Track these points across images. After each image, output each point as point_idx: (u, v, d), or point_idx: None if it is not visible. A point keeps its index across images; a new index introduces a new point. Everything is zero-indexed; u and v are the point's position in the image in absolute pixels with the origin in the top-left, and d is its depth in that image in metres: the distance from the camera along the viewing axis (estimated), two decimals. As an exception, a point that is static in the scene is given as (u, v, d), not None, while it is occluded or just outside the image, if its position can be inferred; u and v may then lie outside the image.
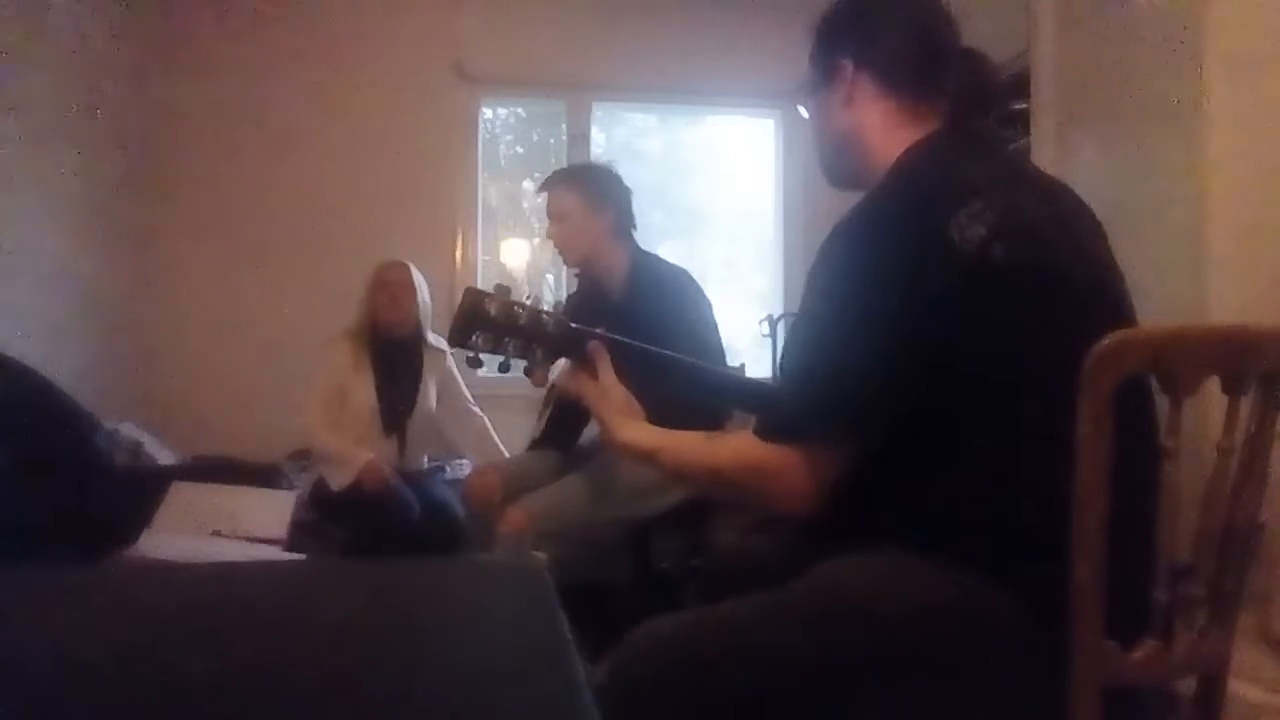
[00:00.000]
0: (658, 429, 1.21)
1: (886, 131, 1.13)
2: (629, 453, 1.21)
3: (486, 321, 1.16)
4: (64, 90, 3.05)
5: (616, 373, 1.24)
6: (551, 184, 2.37)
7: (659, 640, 0.99)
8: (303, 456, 3.12)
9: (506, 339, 1.18)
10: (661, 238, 4.37)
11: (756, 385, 1.49)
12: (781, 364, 1.07)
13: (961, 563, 0.95)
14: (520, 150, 4.88)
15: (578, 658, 0.66)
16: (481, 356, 1.22)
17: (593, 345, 1.23)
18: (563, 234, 2.34)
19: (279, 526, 2.67)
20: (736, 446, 1.08)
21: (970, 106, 1.17)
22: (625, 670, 0.96)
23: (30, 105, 2.87)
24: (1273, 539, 1.60)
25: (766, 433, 1.05)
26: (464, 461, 3.19)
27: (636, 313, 2.14)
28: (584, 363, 1.23)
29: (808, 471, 1.01)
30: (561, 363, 1.30)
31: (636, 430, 1.21)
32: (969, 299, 0.95)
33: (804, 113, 1.27)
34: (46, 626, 0.78)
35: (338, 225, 3.66)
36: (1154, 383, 0.95)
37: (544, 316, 1.20)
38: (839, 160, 1.21)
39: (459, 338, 1.17)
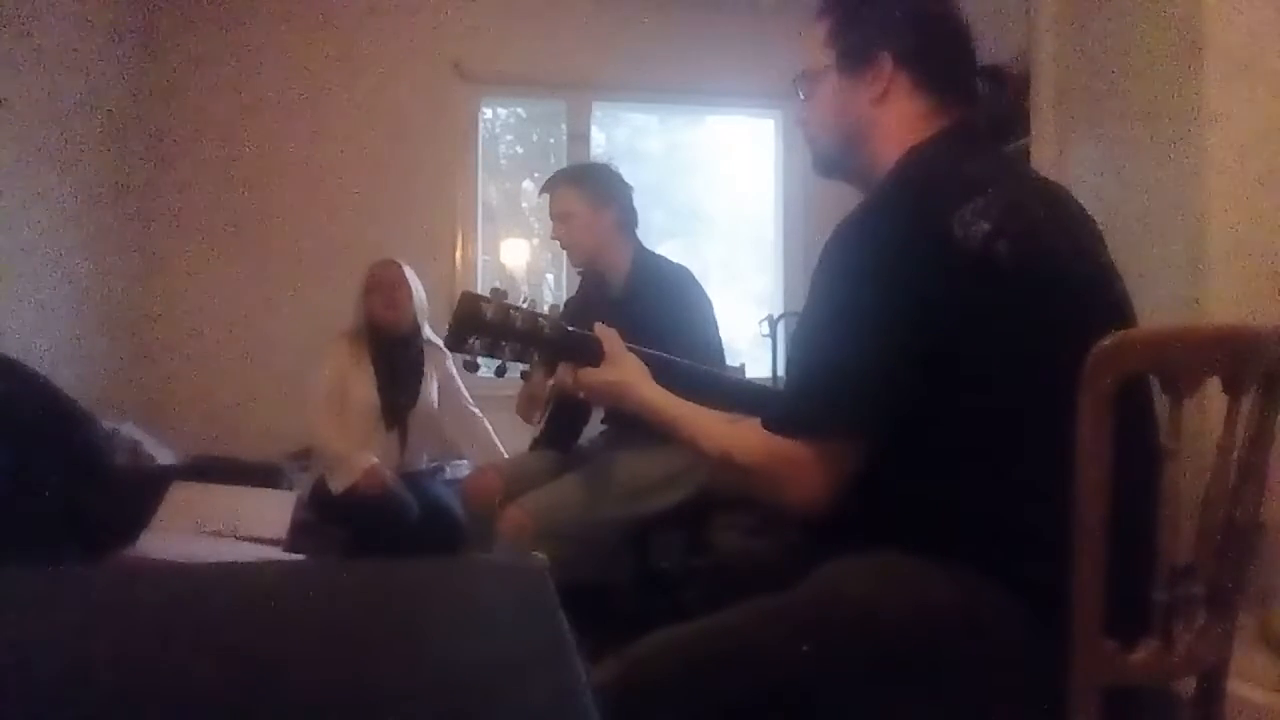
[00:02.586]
0: (679, 398, 1.19)
1: (903, 129, 1.12)
2: (646, 411, 1.18)
3: (482, 326, 1.16)
4: (62, 90, 3.05)
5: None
6: (553, 185, 2.38)
7: (663, 648, 0.98)
8: (303, 456, 3.12)
9: (503, 343, 1.18)
10: (661, 238, 4.37)
11: (754, 388, 1.49)
12: (788, 361, 1.06)
13: (961, 563, 0.95)
14: (520, 150, 4.88)
15: (578, 658, 0.66)
16: (479, 360, 1.22)
17: (598, 326, 1.23)
18: (568, 234, 2.35)
19: (279, 526, 2.67)
20: (750, 436, 1.07)
21: (1001, 127, 1.17)
22: (629, 681, 0.96)
23: (28, 105, 2.86)
24: (1273, 539, 1.60)
25: (775, 426, 1.04)
26: (464, 461, 3.19)
27: (637, 309, 2.14)
28: (586, 357, 1.23)
29: (821, 469, 1.00)
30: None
31: (658, 391, 1.19)
32: (971, 295, 0.95)
33: (802, 94, 1.22)
34: (46, 626, 0.78)
35: (337, 225, 3.66)
36: (1154, 383, 0.95)
37: (540, 320, 1.19)
38: (844, 149, 1.19)
39: (455, 342, 1.16)
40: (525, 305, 1.19)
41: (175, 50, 3.62)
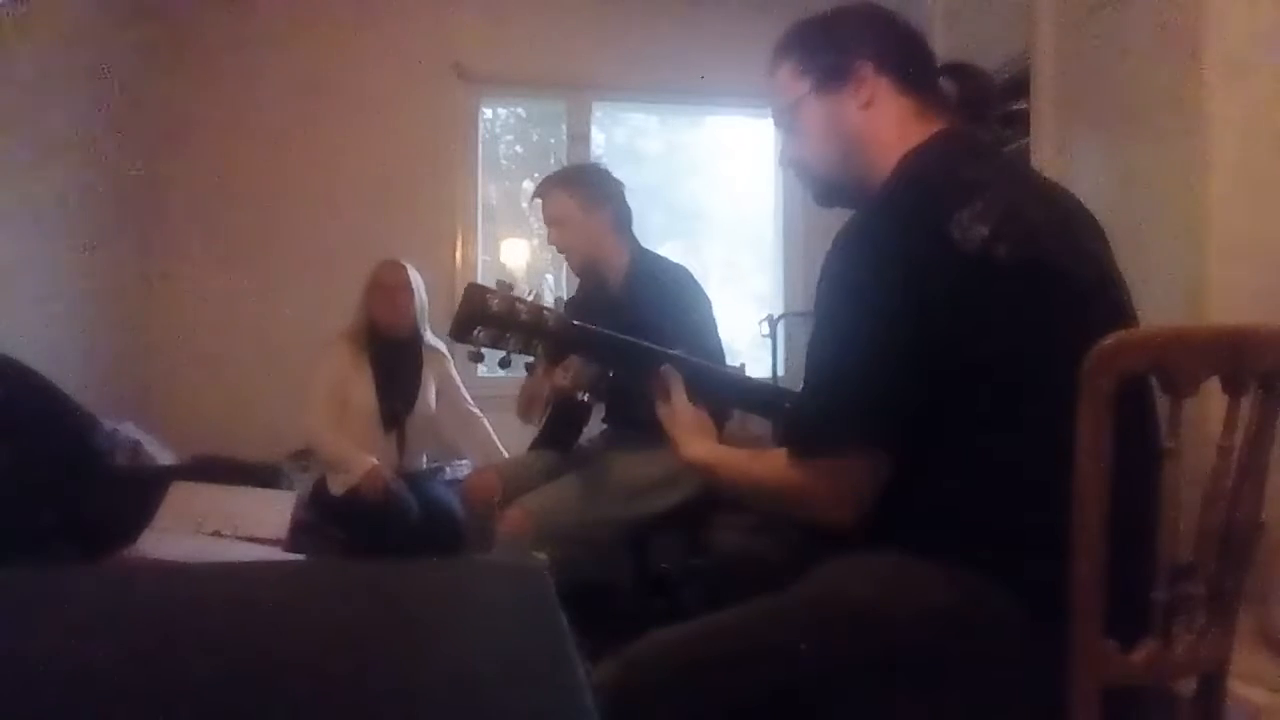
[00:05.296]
0: (719, 447, 1.23)
1: (897, 132, 1.12)
2: (694, 469, 1.24)
3: (488, 317, 1.17)
4: (63, 90, 3.05)
5: (615, 368, 1.24)
6: (545, 189, 2.37)
7: (663, 648, 0.99)
8: (303, 456, 3.12)
9: (508, 334, 1.19)
10: (662, 238, 4.36)
11: (758, 385, 1.49)
12: (805, 378, 1.08)
13: (962, 563, 0.95)
14: (520, 150, 4.88)
15: (578, 658, 0.66)
16: (483, 351, 1.23)
17: (664, 369, 1.25)
18: (563, 237, 2.34)
19: (279, 527, 2.67)
20: (775, 464, 1.09)
21: (971, 117, 1.18)
22: (629, 679, 0.96)
23: (30, 105, 2.86)
24: (1273, 539, 1.59)
25: (795, 450, 1.06)
26: (464, 462, 3.19)
27: (636, 308, 2.14)
28: (656, 386, 1.26)
29: (842, 484, 1.01)
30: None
31: (699, 448, 1.23)
32: (970, 298, 0.95)
33: (785, 130, 1.23)
34: (46, 626, 0.78)
35: (338, 225, 3.66)
36: (1154, 383, 0.95)
37: (545, 312, 1.21)
38: (843, 166, 1.17)
39: (461, 332, 1.18)
40: (531, 298, 1.21)
41: (176, 49, 3.61)
